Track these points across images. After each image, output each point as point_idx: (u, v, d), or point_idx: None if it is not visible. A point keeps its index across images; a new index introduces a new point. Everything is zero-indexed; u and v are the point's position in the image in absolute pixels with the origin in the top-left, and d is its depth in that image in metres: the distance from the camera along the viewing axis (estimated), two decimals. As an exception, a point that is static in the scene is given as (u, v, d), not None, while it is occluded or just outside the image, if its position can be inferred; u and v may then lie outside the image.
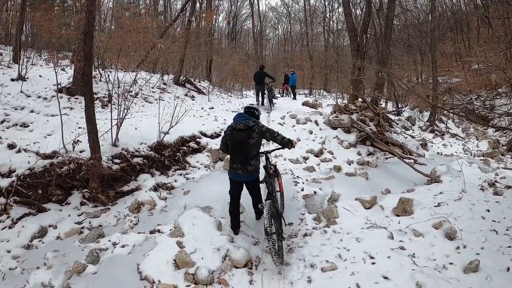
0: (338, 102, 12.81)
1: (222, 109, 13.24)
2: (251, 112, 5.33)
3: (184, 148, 8.85)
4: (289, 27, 48.19)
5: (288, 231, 6.04)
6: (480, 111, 21.83)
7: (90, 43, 7.11)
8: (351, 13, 16.11)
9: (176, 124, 8.61)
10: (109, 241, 5.56)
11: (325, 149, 9.79)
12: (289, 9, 47.63)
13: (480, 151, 15.19)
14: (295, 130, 10.65)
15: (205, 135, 9.48)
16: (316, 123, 11.07)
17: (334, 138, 10.38)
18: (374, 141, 10.86)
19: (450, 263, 4.36)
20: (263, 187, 5.66)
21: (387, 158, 10.36)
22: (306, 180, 8.19)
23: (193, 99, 14.16)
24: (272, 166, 5.82)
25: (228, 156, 5.61)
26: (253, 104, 5.67)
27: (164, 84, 14.80)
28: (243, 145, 4.89)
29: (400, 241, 4.92)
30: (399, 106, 18.74)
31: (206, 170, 8.48)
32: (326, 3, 38.39)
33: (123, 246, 5.38)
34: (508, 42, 16.04)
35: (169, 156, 8.35)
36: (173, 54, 16.88)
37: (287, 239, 5.75)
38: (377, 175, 8.93)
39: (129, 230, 6.20)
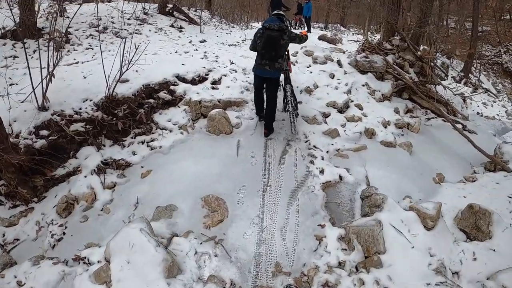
0: (368, 37, 9.64)
1: (217, 42, 10.16)
2: (280, 18, 5.48)
3: (151, 101, 6.08)
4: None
5: (297, 266, 3.56)
6: (509, 66, 20.02)
7: None
8: None
9: (128, 67, 5.76)
10: (15, 277, 3.68)
11: (352, 102, 7.01)
12: None
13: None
14: (311, 72, 7.70)
15: (183, 79, 6.62)
16: (339, 63, 8.12)
17: (363, 86, 7.56)
18: (414, 94, 8.08)
19: None
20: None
21: (429, 119, 7.75)
22: (327, 152, 5.56)
23: (181, 31, 11.07)
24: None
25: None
26: (280, 11, 5.66)
27: (145, 13, 11.69)
28: (275, 43, 5.15)
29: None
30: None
31: (181, 133, 5.79)
32: None
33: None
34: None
35: (125, 116, 5.63)
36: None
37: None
38: (422, 146, 6.41)
39: (48, 252, 4.14)
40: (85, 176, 5.00)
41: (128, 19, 10.74)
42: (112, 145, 5.55)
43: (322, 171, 4.95)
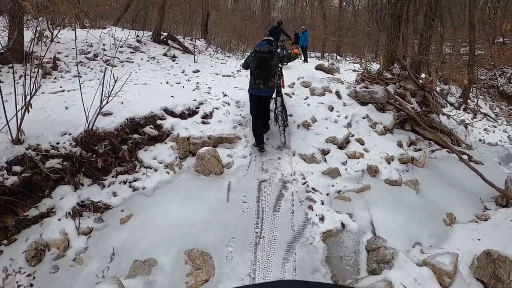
0: (367, 67, 9.28)
1: (211, 73, 9.77)
2: (269, 43, 5.93)
3: (136, 136, 5.61)
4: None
5: None
6: (505, 89, 19.77)
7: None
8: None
9: (108, 100, 5.31)
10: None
11: (352, 136, 6.57)
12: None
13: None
14: (308, 105, 7.28)
15: (171, 113, 6.16)
16: (338, 95, 7.71)
17: (363, 118, 7.14)
18: (417, 125, 7.67)
19: None
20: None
21: (433, 151, 7.34)
22: (327, 194, 5.04)
23: (174, 60, 10.74)
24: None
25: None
26: (270, 37, 6.29)
27: (139, 41, 11.39)
28: (266, 64, 5.59)
29: None
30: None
31: (167, 172, 5.28)
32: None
33: None
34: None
35: (107, 152, 5.14)
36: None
37: None
38: (429, 182, 5.93)
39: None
40: (59, 219, 4.45)
41: (121, 46, 10.41)
42: (91, 184, 5.02)
43: (322, 218, 4.43)
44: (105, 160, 5.07)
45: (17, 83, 4.84)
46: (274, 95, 6.09)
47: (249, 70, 5.92)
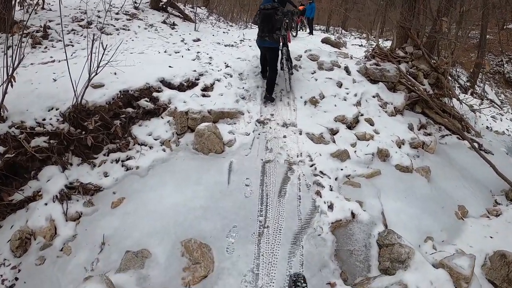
0: (378, 42, 8.69)
1: (212, 42, 9.16)
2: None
3: (129, 110, 5.16)
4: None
5: None
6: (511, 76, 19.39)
7: None
8: None
9: (97, 71, 4.82)
10: None
11: (362, 115, 6.17)
12: None
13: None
14: (316, 80, 6.81)
15: (169, 85, 5.68)
16: (347, 70, 7.24)
17: (373, 97, 6.71)
18: (428, 108, 7.26)
19: None
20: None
21: (443, 136, 6.99)
22: (336, 179, 4.67)
23: (173, 28, 10.10)
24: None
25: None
26: None
27: (136, 8, 10.71)
28: (270, 18, 6.05)
29: None
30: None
31: (163, 150, 4.87)
32: None
33: None
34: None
35: (97, 128, 4.70)
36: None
37: None
38: (440, 170, 5.66)
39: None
40: (46, 204, 4.07)
41: (117, 13, 9.80)
42: (80, 164, 4.61)
43: (331, 206, 4.07)
44: (95, 137, 4.65)
45: (4, 54, 4.36)
46: (280, 47, 6.57)
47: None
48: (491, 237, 4.32)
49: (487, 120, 11.57)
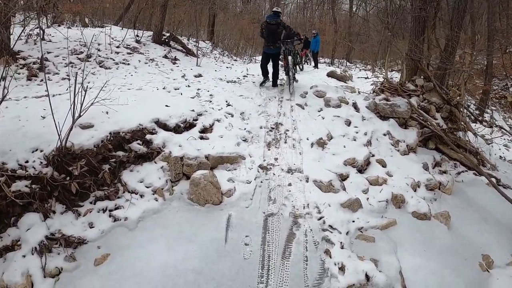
0: (387, 76, 8.31)
1: (214, 77, 8.82)
2: (277, 15, 8.00)
3: (120, 154, 4.74)
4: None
5: None
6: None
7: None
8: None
9: (80, 114, 4.45)
10: None
11: (373, 156, 5.72)
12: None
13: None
14: (323, 118, 6.41)
15: (164, 126, 5.28)
16: (355, 107, 6.84)
17: (384, 135, 6.31)
18: (442, 144, 6.81)
19: None
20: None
21: (459, 173, 6.45)
22: (347, 233, 4.17)
23: (175, 63, 9.87)
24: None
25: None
26: (278, 8, 8.55)
27: (138, 42, 10.55)
28: (275, 32, 7.84)
29: None
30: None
31: (155, 199, 4.41)
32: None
33: None
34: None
35: (83, 174, 4.26)
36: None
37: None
38: (460, 214, 5.21)
39: None
40: (24, 256, 3.63)
41: (117, 47, 9.60)
42: (64, 212, 4.16)
43: (342, 268, 3.56)
44: (81, 183, 4.22)
45: (-1, 86, 4.03)
46: (282, 53, 8.17)
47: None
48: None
49: (499, 149, 11.12)
